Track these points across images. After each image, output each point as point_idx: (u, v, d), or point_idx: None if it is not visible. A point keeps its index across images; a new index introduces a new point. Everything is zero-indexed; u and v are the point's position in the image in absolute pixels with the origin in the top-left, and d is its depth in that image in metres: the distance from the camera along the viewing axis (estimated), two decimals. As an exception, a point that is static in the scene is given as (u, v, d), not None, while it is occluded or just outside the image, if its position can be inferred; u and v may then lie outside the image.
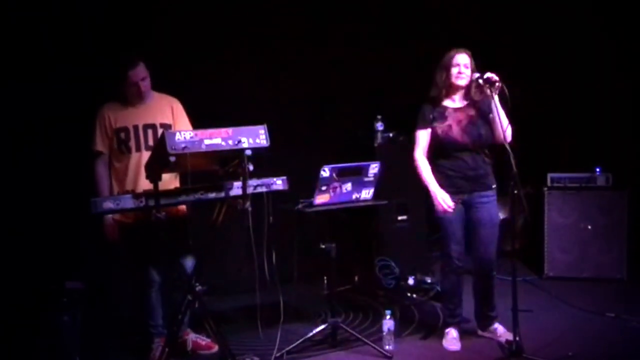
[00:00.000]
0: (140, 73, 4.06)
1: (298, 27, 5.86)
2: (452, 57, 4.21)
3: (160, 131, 4.05)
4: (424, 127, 4.30)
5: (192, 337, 4.36)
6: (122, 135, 4.09)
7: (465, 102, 4.29)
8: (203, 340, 4.36)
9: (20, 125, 4.77)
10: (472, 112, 4.25)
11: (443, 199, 4.20)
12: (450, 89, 4.27)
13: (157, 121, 4.14)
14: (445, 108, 4.29)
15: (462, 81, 4.21)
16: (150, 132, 4.10)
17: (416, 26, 6.34)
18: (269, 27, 5.73)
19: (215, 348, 4.26)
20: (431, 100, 4.31)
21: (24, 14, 4.69)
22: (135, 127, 4.10)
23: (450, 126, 4.24)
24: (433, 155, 4.32)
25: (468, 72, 4.19)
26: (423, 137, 4.31)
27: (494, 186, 4.33)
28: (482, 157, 4.28)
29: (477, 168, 4.26)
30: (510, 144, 4.07)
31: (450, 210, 4.19)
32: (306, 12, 5.87)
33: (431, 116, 4.28)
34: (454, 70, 4.20)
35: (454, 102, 4.30)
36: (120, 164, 4.12)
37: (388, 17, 6.28)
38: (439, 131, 4.25)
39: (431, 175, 4.27)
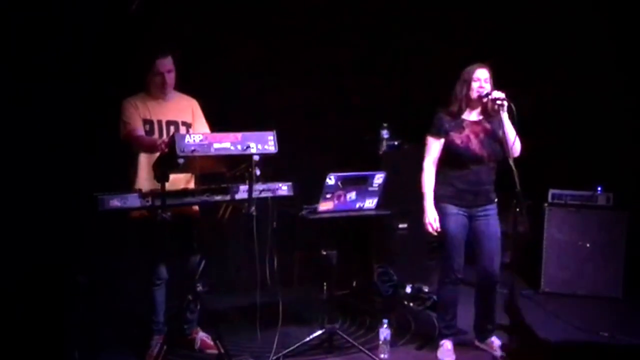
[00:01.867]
0: (168, 65, 4.09)
1: (305, 34, 5.85)
2: (473, 72, 4.22)
3: (182, 129, 4.10)
4: (438, 136, 4.28)
5: (200, 335, 4.39)
6: (147, 127, 4.10)
7: (481, 117, 4.31)
8: (211, 340, 4.35)
9: (29, 124, 4.76)
10: (488, 126, 4.26)
11: (434, 219, 4.27)
12: (470, 103, 4.27)
13: (179, 119, 4.15)
14: (463, 120, 4.28)
15: (483, 95, 4.21)
16: (172, 128, 4.11)
17: (423, 35, 6.34)
18: (277, 33, 5.73)
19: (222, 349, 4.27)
20: (448, 111, 4.30)
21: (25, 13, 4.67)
22: (159, 122, 4.11)
23: (468, 137, 4.23)
24: (444, 165, 4.31)
25: (488, 86, 4.20)
26: (435, 147, 4.30)
27: (496, 200, 4.36)
28: (492, 172, 4.30)
29: (485, 182, 4.28)
30: (517, 157, 4.13)
31: (434, 233, 4.28)
32: (314, 19, 5.86)
33: (447, 126, 4.26)
34: (475, 85, 4.20)
35: (471, 115, 4.31)
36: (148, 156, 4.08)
37: (396, 25, 6.27)
38: (458, 141, 4.23)
39: (431, 190, 4.30)
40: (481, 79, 4.21)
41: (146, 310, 4.27)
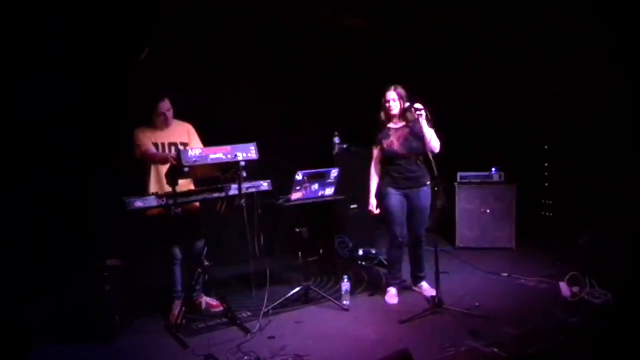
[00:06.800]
0: (166, 106, 4.06)
1: (275, 63, 5.74)
2: (385, 95, 4.30)
3: (181, 147, 4.04)
4: (375, 146, 4.40)
5: (205, 299, 4.36)
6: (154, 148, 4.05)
7: (402, 124, 4.35)
8: (213, 302, 4.34)
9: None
10: (407, 130, 4.31)
11: (373, 206, 4.36)
12: (389, 116, 4.33)
13: (178, 140, 4.12)
14: (389, 129, 4.34)
15: (394, 111, 4.30)
16: (173, 148, 4.07)
17: (362, 66, 6.28)
18: (255, 61, 5.61)
19: (222, 307, 4.25)
20: (380, 124, 4.38)
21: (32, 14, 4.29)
22: (163, 144, 4.08)
23: (392, 142, 4.30)
24: (384, 162, 4.38)
25: (396, 104, 4.27)
26: (375, 153, 4.42)
27: (428, 183, 4.34)
28: (417, 163, 4.32)
29: (413, 171, 4.31)
30: (438, 151, 4.18)
31: (375, 213, 4.35)
32: (277, 54, 5.73)
33: (380, 136, 4.35)
34: (387, 105, 4.30)
35: (396, 124, 4.35)
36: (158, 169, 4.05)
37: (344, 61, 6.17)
38: (385, 145, 4.32)
39: (374, 185, 4.40)
40: (390, 99, 4.29)
41: (167, 283, 4.22)
